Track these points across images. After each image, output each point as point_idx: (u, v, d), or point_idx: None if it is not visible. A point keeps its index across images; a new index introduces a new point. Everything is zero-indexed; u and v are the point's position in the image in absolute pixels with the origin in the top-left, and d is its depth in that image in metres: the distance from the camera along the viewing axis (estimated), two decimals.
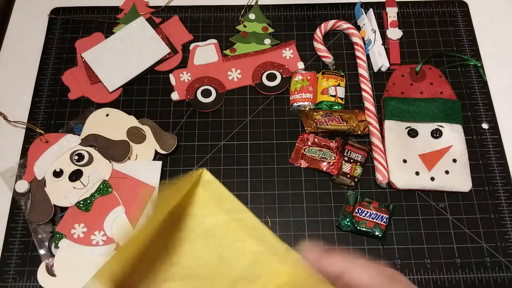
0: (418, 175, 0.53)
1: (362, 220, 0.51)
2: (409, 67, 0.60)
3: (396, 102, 0.57)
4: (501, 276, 0.50)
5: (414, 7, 0.66)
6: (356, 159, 0.55)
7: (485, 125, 0.58)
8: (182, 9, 0.66)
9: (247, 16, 0.65)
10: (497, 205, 0.54)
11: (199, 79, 0.60)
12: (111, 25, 0.65)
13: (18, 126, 0.59)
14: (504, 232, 0.52)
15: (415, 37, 0.64)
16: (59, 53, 0.63)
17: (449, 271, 0.51)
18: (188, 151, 0.57)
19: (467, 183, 0.54)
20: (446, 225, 0.53)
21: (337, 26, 0.63)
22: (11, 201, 0.54)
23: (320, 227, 0.53)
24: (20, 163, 0.55)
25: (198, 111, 0.59)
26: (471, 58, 0.61)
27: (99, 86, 0.60)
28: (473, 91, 0.60)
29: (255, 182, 0.55)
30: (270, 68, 0.61)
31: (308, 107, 0.58)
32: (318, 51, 0.62)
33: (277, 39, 0.64)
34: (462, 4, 0.66)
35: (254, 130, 0.58)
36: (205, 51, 0.62)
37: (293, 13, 0.66)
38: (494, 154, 0.56)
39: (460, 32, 0.64)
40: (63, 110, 0.59)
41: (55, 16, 0.66)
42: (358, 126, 0.56)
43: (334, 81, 0.58)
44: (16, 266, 0.51)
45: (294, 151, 0.56)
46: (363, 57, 0.61)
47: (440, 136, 0.56)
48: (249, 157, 0.57)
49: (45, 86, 0.61)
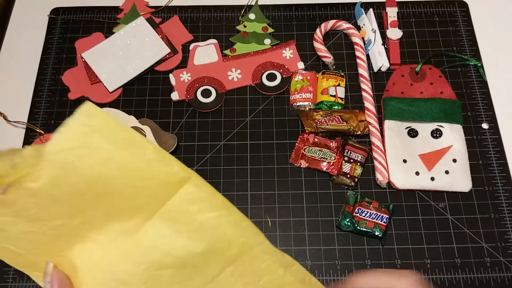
0: (418, 175, 0.53)
1: (362, 220, 0.51)
2: (409, 67, 0.60)
3: (396, 102, 0.57)
4: (501, 276, 0.50)
5: (414, 7, 0.66)
6: (356, 159, 0.55)
7: (485, 125, 0.58)
8: (182, 9, 0.66)
9: (247, 16, 0.65)
10: (497, 205, 0.54)
11: (199, 79, 0.60)
12: (111, 25, 0.65)
13: (18, 126, 0.59)
14: (504, 232, 0.52)
15: (415, 37, 0.64)
16: (59, 53, 0.63)
17: (449, 271, 0.51)
18: (188, 151, 0.57)
19: (467, 183, 0.54)
20: (446, 225, 0.53)
21: (337, 26, 0.63)
22: None
23: (320, 227, 0.53)
24: None
25: (198, 111, 0.59)
26: (471, 58, 0.61)
27: (99, 86, 0.60)
28: (473, 91, 0.60)
29: (255, 182, 0.55)
30: (270, 68, 0.61)
31: (308, 107, 0.58)
32: (318, 51, 0.62)
33: (277, 39, 0.64)
34: (462, 4, 0.66)
35: (254, 130, 0.58)
36: (205, 51, 0.62)
37: (293, 13, 0.66)
38: (494, 154, 0.56)
39: (460, 32, 0.64)
40: (63, 110, 0.59)
41: (55, 16, 0.66)
42: (358, 126, 0.56)
43: (334, 81, 0.58)
44: None
45: (294, 151, 0.56)
46: (363, 57, 0.61)
47: (440, 136, 0.56)
48: (249, 157, 0.57)
49: (45, 86, 0.61)
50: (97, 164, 0.30)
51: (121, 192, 0.31)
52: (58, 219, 0.31)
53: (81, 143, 0.29)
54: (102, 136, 0.29)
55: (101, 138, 0.29)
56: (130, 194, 0.31)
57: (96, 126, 0.29)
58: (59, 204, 0.30)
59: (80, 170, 0.29)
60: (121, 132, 0.30)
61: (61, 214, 0.31)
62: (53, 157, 0.29)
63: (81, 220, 0.31)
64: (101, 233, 0.32)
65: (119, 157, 0.30)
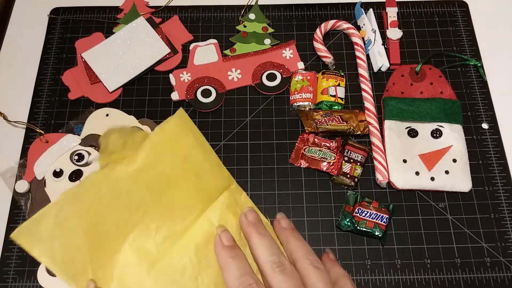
0: (418, 175, 0.53)
1: (362, 220, 0.51)
2: (409, 67, 0.60)
3: (396, 102, 0.57)
4: (501, 276, 0.50)
5: (414, 7, 0.66)
6: (356, 159, 0.55)
7: (485, 125, 0.58)
8: (182, 9, 0.66)
9: (247, 16, 0.65)
10: (497, 205, 0.54)
11: (199, 79, 0.60)
12: (111, 25, 0.65)
13: (18, 126, 0.59)
14: (504, 232, 0.52)
15: (415, 37, 0.64)
16: (59, 53, 0.63)
17: (449, 271, 0.51)
18: None
19: (467, 183, 0.54)
20: (446, 225, 0.53)
21: (337, 26, 0.63)
22: (11, 201, 0.54)
23: (320, 227, 0.53)
24: (20, 163, 0.55)
25: (198, 111, 0.59)
26: (471, 58, 0.61)
27: (99, 86, 0.60)
28: (473, 91, 0.60)
29: (255, 182, 0.55)
30: (270, 68, 0.61)
31: (308, 107, 0.58)
32: (318, 51, 0.62)
33: (277, 39, 0.64)
34: (462, 4, 0.66)
35: (254, 130, 0.58)
36: (205, 51, 0.62)
37: (293, 13, 0.66)
38: (494, 154, 0.56)
39: (460, 32, 0.64)
40: (63, 110, 0.59)
41: (55, 16, 0.66)
42: (358, 126, 0.56)
43: (334, 81, 0.58)
44: (16, 266, 0.51)
45: (294, 151, 0.56)
46: (363, 57, 0.61)
47: (440, 136, 0.56)
48: (249, 157, 0.57)
49: (45, 86, 0.61)
50: (179, 158, 0.36)
51: (183, 189, 0.36)
52: (123, 212, 0.34)
53: (175, 138, 0.36)
54: (191, 133, 0.37)
55: (189, 135, 0.36)
56: (190, 193, 0.36)
57: (188, 124, 0.37)
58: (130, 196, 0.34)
59: (165, 162, 0.35)
60: (200, 136, 0.37)
61: (128, 207, 0.34)
62: (152, 146, 0.34)
63: (140, 217, 0.34)
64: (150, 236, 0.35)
65: (195, 155, 0.36)
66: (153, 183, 0.34)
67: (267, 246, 0.34)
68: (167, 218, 0.35)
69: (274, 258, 0.33)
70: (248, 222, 0.36)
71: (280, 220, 0.39)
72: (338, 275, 0.36)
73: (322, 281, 0.33)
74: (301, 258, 0.34)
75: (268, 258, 0.33)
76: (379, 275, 0.51)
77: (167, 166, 0.35)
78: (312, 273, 0.33)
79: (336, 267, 0.37)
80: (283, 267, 0.33)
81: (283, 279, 0.32)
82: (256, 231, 0.35)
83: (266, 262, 0.33)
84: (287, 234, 0.37)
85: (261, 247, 0.34)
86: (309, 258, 0.35)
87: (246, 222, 0.36)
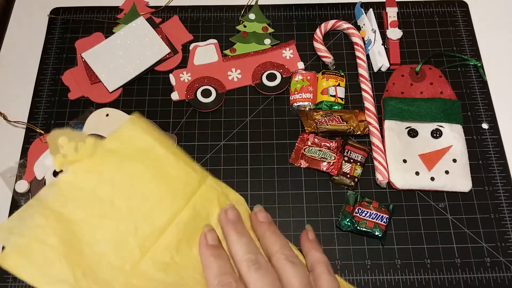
0: (418, 175, 0.53)
1: (362, 220, 0.51)
2: (409, 67, 0.60)
3: (396, 102, 0.57)
4: (501, 276, 0.50)
5: (414, 7, 0.66)
6: (356, 159, 0.55)
7: (485, 125, 0.58)
8: (182, 9, 0.66)
9: (247, 16, 0.65)
10: (497, 205, 0.54)
11: (199, 79, 0.60)
12: (111, 25, 0.65)
13: (18, 126, 0.59)
14: (504, 232, 0.52)
15: (415, 37, 0.64)
16: (59, 53, 0.63)
17: (449, 271, 0.51)
18: (188, 151, 0.57)
19: (467, 183, 0.54)
20: (446, 225, 0.53)
21: (337, 26, 0.63)
22: (11, 201, 0.54)
23: (320, 227, 0.53)
24: (20, 163, 0.55)
25: (198, 111, 0.59)
26: (471, 58, 0.61)
27: (99, 86, 0.60)
28: (473, 91, 0.60)
29: (255, 182, 0.55)
30: (270, 68, 0.61)
31: (308, 107, 0.58)
32: (318, 51, 0.62)
33: (277, 39, 0.64)
34: (462, 4, 0.66)
35: (254, 130, 0.58)
36: (205, 51, 0.62)
37: (293, 13, 0.66)
38: (494, 154, 0.56)
39: (460, 32, 0.64)
40: (63, 110, 0.59)
41: (55, 16, 0.66)
42: (358, 126, 0.56)
43: (334, 81, 0.58)
44: None
45: (294, 151, 0.56)
46: (363, 57, 0.61)
47: (440, 136, 0.56)
48: (249, 157, 0.57)
49: (45, 86, 0.61)
50: (138, 158, 0.35)
51: (153, 188, 0.35)
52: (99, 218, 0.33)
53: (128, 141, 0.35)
54: (148, 134, 0.35)
55: (145, 136, 0.35)
56: (161, 189, 0.35)
57: (143, 125, 0.36)
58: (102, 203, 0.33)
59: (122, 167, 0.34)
60: (161, 136, 0.36)
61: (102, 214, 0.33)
62: (105, 152, 0.34)
63: (116, 221, 0.34)
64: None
65: (155, 152, 0.35)
66: (120, 189, 0.33)
67: (244, 245, 0.33)
68: (144, 218, 0.34)
69: (251, 256, 0.32)
70: (227, 219, 0.35)
71: (257, 213, 0.37)
72: (315, 261, 0.35)
73: (297, 276, 0.32)
74: (276, 253, 0.34)
75: (244, 257, 0.33)
76: (379, 275, 0.51)
77: (130, 170, 0.34)
78: (287, 268, 0.33)
79: (313, 251, 0.36)
80: (259, 264, 0.32)
81: (258, 277, 0.32)
82: (234, 229, 0.34)
83: (242, 260, 0.33)
84: (264, 228, 0.36)
85: (238, 246, 0.33)
86: (284, 252, 0.34)
87: (225, 219, 0.35)
